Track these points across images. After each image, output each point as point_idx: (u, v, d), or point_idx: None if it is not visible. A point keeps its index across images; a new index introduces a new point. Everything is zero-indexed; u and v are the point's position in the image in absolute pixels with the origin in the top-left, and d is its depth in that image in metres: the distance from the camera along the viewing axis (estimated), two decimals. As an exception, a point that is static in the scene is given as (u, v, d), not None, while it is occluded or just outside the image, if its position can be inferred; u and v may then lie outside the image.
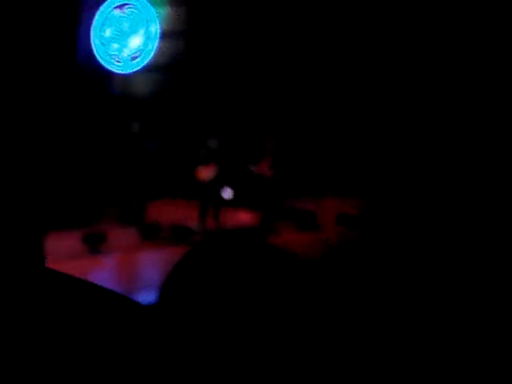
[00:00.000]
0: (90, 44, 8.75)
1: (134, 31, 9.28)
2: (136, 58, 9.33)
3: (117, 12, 8.97)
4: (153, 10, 9.22)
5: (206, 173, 7.63)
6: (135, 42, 9.31)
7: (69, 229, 6.82)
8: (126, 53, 9.25)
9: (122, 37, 9.13)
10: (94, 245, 6.54)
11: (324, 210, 8.52)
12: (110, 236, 6.72)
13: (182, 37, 9.62)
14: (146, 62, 9.39)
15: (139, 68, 9.40)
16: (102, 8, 8.79)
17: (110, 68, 9.06)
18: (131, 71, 9.35)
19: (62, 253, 6.09)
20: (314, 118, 9.82)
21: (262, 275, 0.79)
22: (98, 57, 8.84)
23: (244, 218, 8.52)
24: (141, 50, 9.35)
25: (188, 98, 9.76)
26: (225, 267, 0.82)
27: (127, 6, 9.06)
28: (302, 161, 9.21)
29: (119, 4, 8.98)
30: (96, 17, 8.75)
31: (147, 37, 9.34)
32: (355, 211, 8.70)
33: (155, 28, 9.35)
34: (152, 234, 7.24)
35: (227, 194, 7.83)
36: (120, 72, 9.20)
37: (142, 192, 8.12)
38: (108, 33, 8.94)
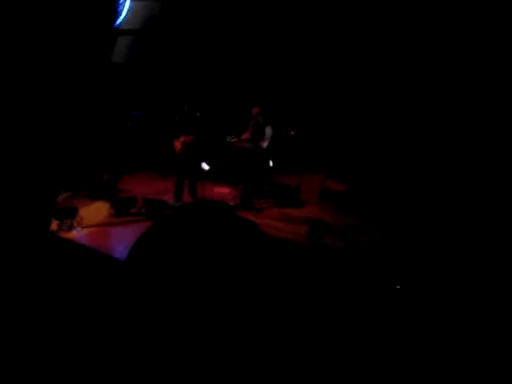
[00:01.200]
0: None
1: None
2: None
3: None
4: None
5: (182, 144, 7.59)
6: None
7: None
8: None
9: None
10: (65, 220, 6.52)
11: (307, 185, 8.58)
12: (81, 211, 6.71)
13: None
14: (118, 23, 9.28)
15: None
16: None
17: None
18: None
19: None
20: (301, 91, 9.82)
21: (226, 248, 0.83)
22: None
23: (223, 191, 8.54)
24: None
25: (163, 64, 9.67)
26: (189, 240, 0.85)
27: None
28: (286, 136, 9.23)
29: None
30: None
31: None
32: (338, 187, 8.79)
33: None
34: (125, 209, 7.23)
35: (206, 165, 7.80)
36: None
37: (114, 165, 8.09)
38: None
